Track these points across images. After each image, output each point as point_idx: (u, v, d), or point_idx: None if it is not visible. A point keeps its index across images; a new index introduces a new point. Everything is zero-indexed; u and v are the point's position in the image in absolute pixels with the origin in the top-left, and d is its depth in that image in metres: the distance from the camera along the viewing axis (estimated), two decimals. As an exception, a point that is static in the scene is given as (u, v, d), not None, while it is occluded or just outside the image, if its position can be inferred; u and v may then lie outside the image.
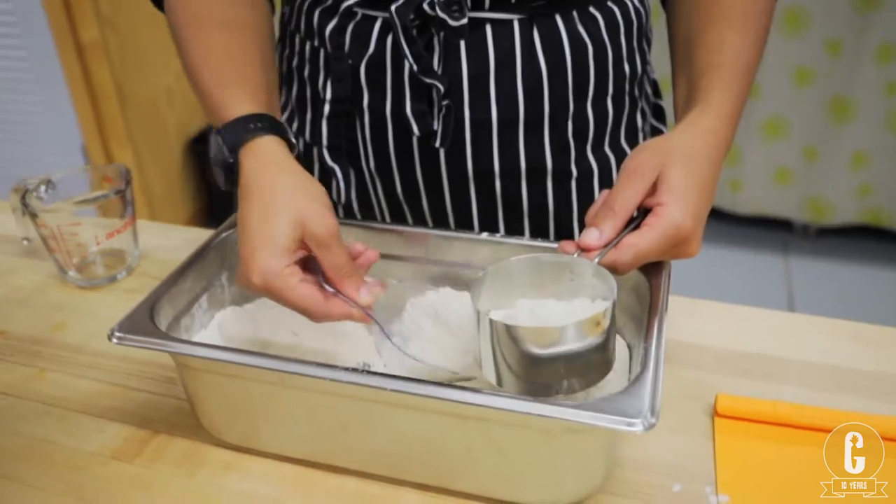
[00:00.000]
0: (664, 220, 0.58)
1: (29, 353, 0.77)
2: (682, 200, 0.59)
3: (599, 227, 0.60)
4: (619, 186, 0.61)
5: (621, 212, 0.60)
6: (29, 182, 0.86)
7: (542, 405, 0.50)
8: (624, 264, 0.59)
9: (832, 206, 2.46)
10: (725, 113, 0.65)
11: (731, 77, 0.67)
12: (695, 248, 0.60)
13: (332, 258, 0.58)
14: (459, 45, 0.72)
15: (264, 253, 0.56)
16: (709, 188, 0.61)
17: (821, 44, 2.24)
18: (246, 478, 0.62)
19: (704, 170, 0.61)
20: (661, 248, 0.59)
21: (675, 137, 0.63)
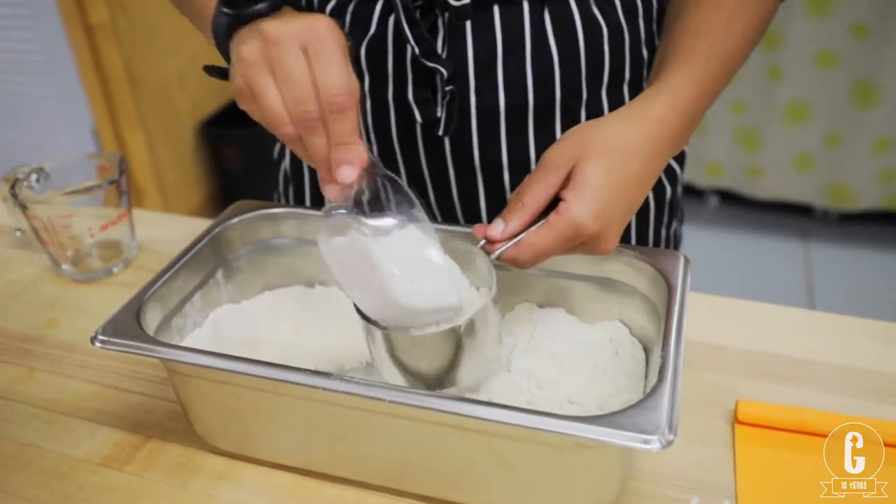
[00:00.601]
0: (562, 220, 0.54)
1: (20, 352, 0.75)
2: (587, 199, 0.53)
3: (506, 220, 0.56)
4: (532, 178, 0.56)
5: (530, 205, 0.56)
6: (20, 171, 0.83)
7: (552, 419, 0.46)
8: (523, 262, 0.56)
9: (854, 192, 2.41)
10: (681, 101, 0.59)
11: (701, 63, 0.61)
12: (605, 246, 0.56)
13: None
14: (465, 27, 0.68)
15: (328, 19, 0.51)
16: (632, 186, 0.56)
17: (846, 27, 2.18)
18: (240, 488, 0.59)
19: (630, 165, 0.56)
20: (559, 247, 0.55)
21: (606, 125, 0.57)
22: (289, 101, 0.51)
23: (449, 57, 0.68)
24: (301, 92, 0.50)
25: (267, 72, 0.51)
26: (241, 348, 0.65)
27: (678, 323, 0.54)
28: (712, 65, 0.61)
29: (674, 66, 0.61)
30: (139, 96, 2.34)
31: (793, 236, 2.47)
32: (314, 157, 0.53)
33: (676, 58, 0.62)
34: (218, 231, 0.68)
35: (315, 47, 0.50)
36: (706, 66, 0.61)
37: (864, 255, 2.38)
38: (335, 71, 0.50)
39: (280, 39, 0.50)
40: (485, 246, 0.57)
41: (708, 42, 0.62)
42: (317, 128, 0.51)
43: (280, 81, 0.51)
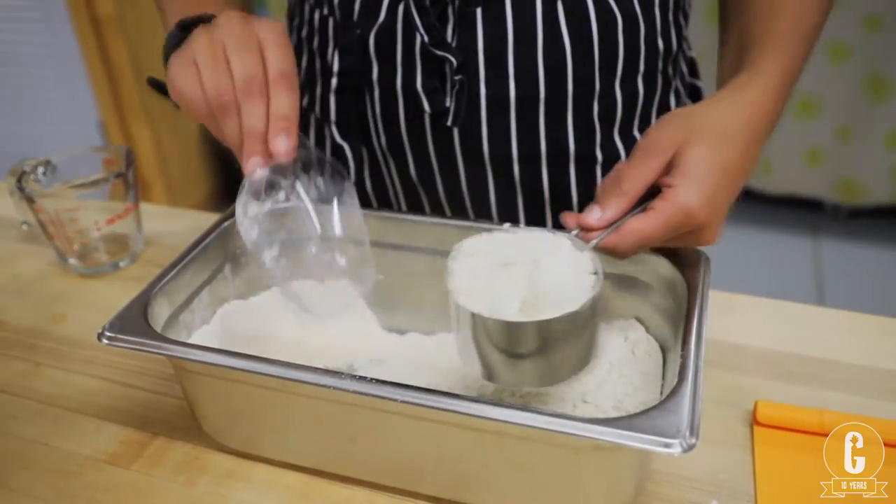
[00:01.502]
0: (672, 205, 0.52)
1: (25, 347, 0.74)
2: (696, 183, 0.52)
3: (603, 207, 0.54)
4: (632, 162, 0.55)
5: (630, 191, 0.54)
6: (26, 164, 0.82)
7: (568, 422, 0.45)
8: (624, 250, 0.54)
9: (865, 187, 2.39)
10: (775, 84, 0.59)
11: (787, 44, 0.60)
12: (710, 235, 0.55)
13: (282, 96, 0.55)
14: (475, 15, 0.66)
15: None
16: (737, 170, 0.55)
17: (859, 19, 2.15)
18: (249, 487, 0.58)
19: (735, 149, 0.55)
20: (666, 234, 0.53)
21: (708, 108, 0.56)
22: (236, 70, 0.54)
23: (459, 46, 0.67)
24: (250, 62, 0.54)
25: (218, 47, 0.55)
26: (249, 344, 0.64)
27: (698, 322, 0.53)
28: (796, 45, 0.61)
29: (762, 51, 0.60)
30: (146, 89, 2.32)
31: (803, 231, 2.45)
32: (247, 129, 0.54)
33: (761, 42, 0.61)
34: (226, 226, 0.67)
35: (268, 36, 0.55)
36: (791, 48, 0.60)
37: (874, 251, 2.36)
38: (285, 55, 0.54)
39: (235, 25, 0.55)
40: (580, 234, 0.54)
41: (789, 23, 0.61)
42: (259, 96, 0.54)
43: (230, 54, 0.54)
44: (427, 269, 0.68)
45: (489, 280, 0.51)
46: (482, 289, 0.51)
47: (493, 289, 0.51)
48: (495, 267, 0.52)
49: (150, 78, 0.62)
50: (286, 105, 0.54)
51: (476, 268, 0.52)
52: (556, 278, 0.50)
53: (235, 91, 0.54)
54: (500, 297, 0.50)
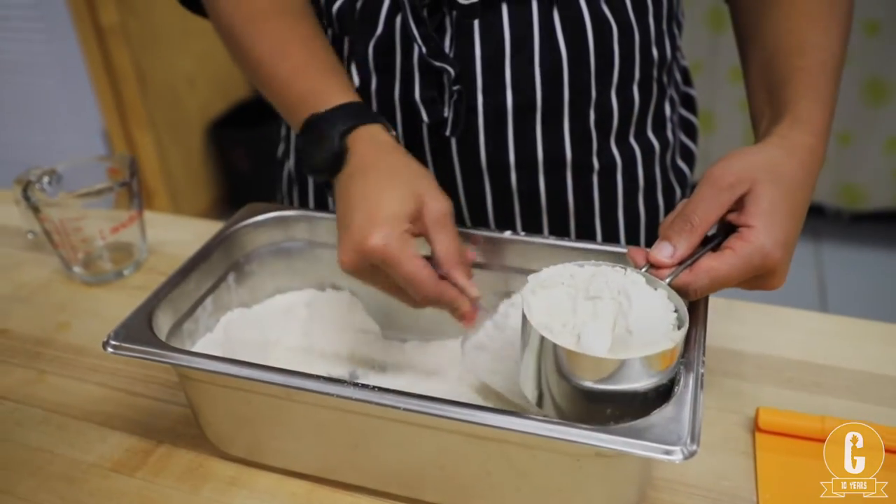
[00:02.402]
0: (751, 246, 0.51)
1: (30, 355, 0.74)
2: (773, 226, 0.51)
3: (673, 243, 0.53)
4: (700, 196, 0.53)
5: (700, 226, 0.53)
6: (32, 173, 0.83)
7: (569, 429, 0.45)
8: (698, 290, 0.52)
9: (865, 192, 2.39)
10: (819, 126, 0.57)
11: (820, 82, 0.59)
12: (780, 280, 0.53)
13: (446, 239, 0.56)
14: (472, 26, 0.67)
15: (384, 216, 0.54)
16: (800, 215, 0.54)
17: (858, 24, 2.16)
18: (252, 494, 0.58)
19: (797, 193, 0.54)
20: (742, 276, 0.52)
21: (767, 152, 0.55)
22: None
23: (456, 56, 0.67)
24: (405, 300, 0.58)
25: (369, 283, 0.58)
26: (252, 352, 0.64)
27: (699, 329, 0.53)
28: (829, 80, 0.60)
29: (796, 94, 0.59)
30: (149, 97, 2.34)
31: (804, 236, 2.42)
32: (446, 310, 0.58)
33: (793, 81, 0.60)
34: (229, 234, 0.68)
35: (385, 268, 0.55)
36: (825, 83, 0.59)
37: (875, 255, 2.36)
38: (409, 281, 0.55)
39: (354, 271, 0.56)
40: (650, 271, 0.53)
41: (819, 59, 0.60)
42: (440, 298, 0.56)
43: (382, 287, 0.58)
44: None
45: (571, 313, 0.50)
46: (563, 322, 0.50)
47: (576, 323, 0.50)
48: (577, 300, 0.51)
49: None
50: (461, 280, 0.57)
51: (554, 299, 0.51)
52: (648, 314, 0.49)
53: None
54: (588, 332, 0.48)
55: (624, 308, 0.49)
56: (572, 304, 0.51)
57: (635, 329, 0.48)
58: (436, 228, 0.56)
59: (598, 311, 0.50)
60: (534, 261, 0.65)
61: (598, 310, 0.50)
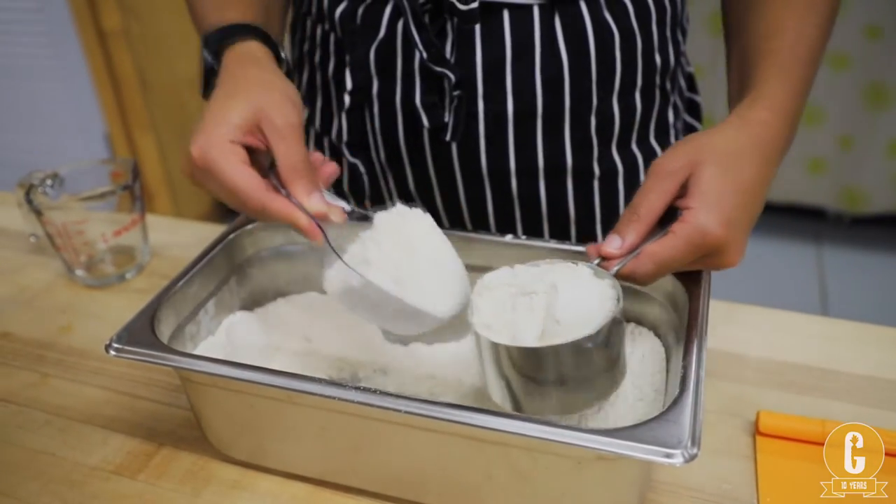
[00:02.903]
0: (689, 227, 0.52)
1: (33, 358, 0.74)
2: (712, 205, 0.52)
3: (621, 234, 0.54)
4: (645, 188, 0.55)
5: (646, 216, 0.54)
6: (35, 176, 0.83)
7: (570, 432, 0.45)
8: (643, 274, 0.54)
9: (867, 195, 2.39)
10: (780, 104, 0.58)
11: (790, 64, 0.60)
12: (732, 258, 0.54)
13: (286, 151, 0.54)
14: (473, 32, 0.67)
15: (211, 125, 0.54)
16: (752, 191, 0.55)
17: (860, 28, 2.16)
18: (253, 497, 0.58)
19: (747, 170, 0.55)
20: (685, 258, 0.53)
21: (717, 133, 0.56)
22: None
23: (457, 62, 0.68)
24: (232, 202, 0.55)
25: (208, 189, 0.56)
26: (254, 356, 0.65)
27: (699, 333, 0.53)
28: (799, 64, 0.60)
29: (763, 72, 0.60)
30: (151, 101, 2.35)
31: (806, 240, 2.45)
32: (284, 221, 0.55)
33: (762, 62, 0.61)
34: (231, 238, 0.68)
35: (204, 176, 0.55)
36: (793, 67, 0.60)
37: (877, 259, 2.36)
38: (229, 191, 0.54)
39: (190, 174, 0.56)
40: (602, 263, 0.55)
41: (789, 42, 0.61)
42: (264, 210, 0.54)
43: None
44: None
45: (510, 311, 0.52)
46: (504, 320, 0.51)
47: (513, 319, 0.51)
48: (516, 297, 0.52)
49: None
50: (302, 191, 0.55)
51: (497, 300, 0.53)
52: (576, 304, 0.50)
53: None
54: (521, 326, 0.50)
55: (551, 300, 0.51)
56: (512, 302, 0.52)
57: (563, 318, 0.50)
58: (275, 138, 0.55)
59: (533, 305, 0.51)
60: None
61: (533, 304, 0.51)
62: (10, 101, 2.47)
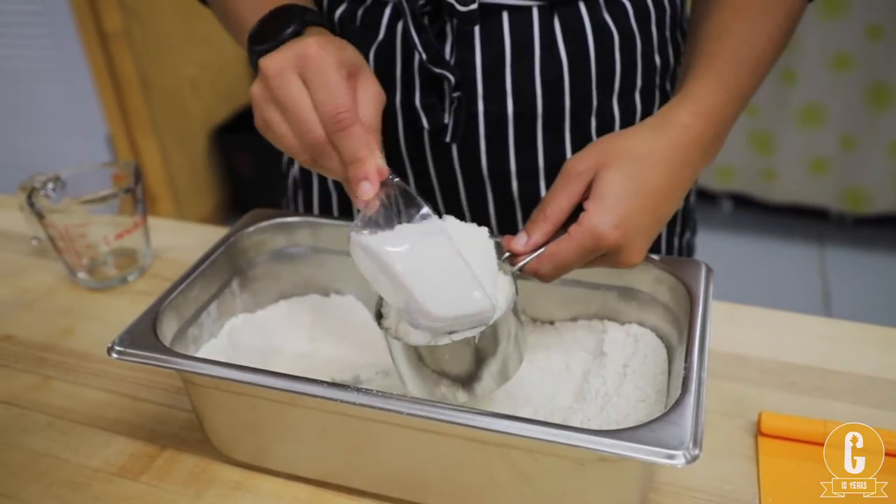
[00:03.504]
0: (582, 229, 0.53)
1: (35, 360, 0.74)
2: (606, 207, 0.52)
3: (528, 233, 0.55)
4: (554, 188, 0.55)
5: (553, 216, 0.55)
6: (36, 179, 0.83)
7: (572, 433, 0.45)
8: (544, 274, 0.55)
9: (869, 195, 2.39)
10: (706, 107, 0.57)
11: (725, 67, 0.59)
12: (628, 258, 0.54)
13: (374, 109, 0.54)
14: (473, 33, 0.67)
15: (326, 41, 0.53)
16: (658, 193, 0.54)
17: (862, 28, 2.16)
18: (256, 499, 0.58)
19: (655, 174, 0.54)
20: (580, 258, 0.54)
21: (631, 134, 0.56)
22: (296, 131, 0.53)
23: (457, 63, 0.68)
24: (303, 120, 0.52)
25: (273, 106, 0.53)
26: (256, 358, 0.65)
27: (701, 334, 0.53)
28: (738, 69, 0.59)
29: (697, 74, 0.59)
30: (152, 103, 2.35)
31: (808, 240, 2.45)
32: (334, 176, 0.55)
33: (699, 64, 0.60)
34: (233, 240, 0.68)
35: (309, 74, 0.52)
36: (731, 72, 0.59)
37: (879, 259, 2.36)
38: (329, 92, 0.52)
39: (276, 73, 0.52)
40: (508, 258, 0.56)
41: (732, 46, 0.60)
42: (326, 151, 0.53)
43: (285, 113, 0.53)
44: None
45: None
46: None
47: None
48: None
49: None
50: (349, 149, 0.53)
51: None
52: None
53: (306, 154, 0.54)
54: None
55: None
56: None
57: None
58: (364, 78, 0.55)
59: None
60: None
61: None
62: (11, 104, 2.47)
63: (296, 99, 0.52)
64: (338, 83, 0.52)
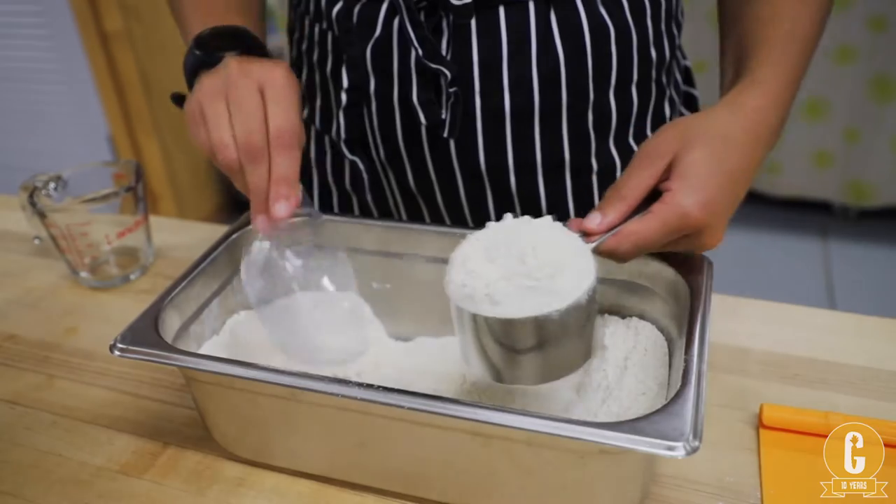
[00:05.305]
0: (668, 208, 0.53)
1: (38, 359, 0.75)
2: (693, 187, 0.53)
3: (603, 212, 0.55)
4: (631, 168, 0.56)
5: (629, 196, 0.55)
6: (38, 179, 0.84)
7: (573, 426, 0.46)
8: (623, 253, 0.54)
9: (873, 189, 2.38)
10: (774, 91, 0.59)
11: (785, 51, 0.60)
12: (711, 239, 0.55)
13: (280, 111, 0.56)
14: (469, 29, 0.67)
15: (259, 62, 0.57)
16: (738, 175, 0.55)
17: (864, 20, 2.15)
18: (259, 495, 0.58)
19: (735, 154, 0.55)
20: (663, 238, 0.54)
21: (708, 116, 0.57)
22: (238, 129, 0.55)
23: (453, 59, 0.68)
24: (251, 123, 0.54)
25: (222, 101, 0.56)
26: (258, 354, 0.65)
27: (701, 326, 0.53)
28: (793, 51, 0.61)
29: (759, 59, 0.60)
30: (154, 103, 2.35)
31: (812, 233, 2.45)
32: (252, 188, 0.56)
33: (758, 48, 0.61)
34: (234, 237, 0.68)
35: (271, 90, 0.56)
36: (789, 54, 0.60)
37: (884, 252, 2.35)
38: (286, 112, 0.55)
39: (240, 77, 0.56)
40: (582, 239, 0.55)
41: (785, 29, 0.61)
42: (260, 158, 0.55)
43: (233, 112, 0.55)
44: (432, 277, 0.68)
45: (485, 276, 0.51)
46: (477, 287, 0.50)
47: (488, 285, 0.50)
48: (488, 263, 0.51)
49: (174, 94, 0.64)
50: (284, 166, 0.55)
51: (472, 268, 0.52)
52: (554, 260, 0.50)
53: (238, 152, 0.55)
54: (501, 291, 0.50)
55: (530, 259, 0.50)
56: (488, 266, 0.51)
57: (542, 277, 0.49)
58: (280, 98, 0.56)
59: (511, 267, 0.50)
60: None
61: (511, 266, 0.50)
62: (13, 104, 2.48)
63: (251, 102, 0.55)
64: (295, 109, 0.56)
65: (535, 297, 0.49)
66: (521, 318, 0.49)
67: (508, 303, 0.49)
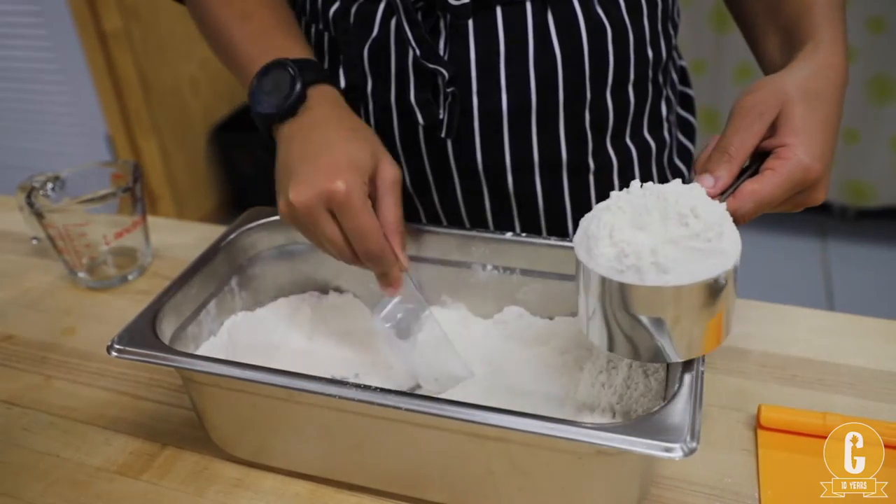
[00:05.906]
0: (790, 163, 0.52)
1: (36, 360, 0.75)
2: (809, 140, 0.53)
3: (714, 174, 0.53)
4: (734, 127, 0.55)
5: (737, 155, 0.54)
6: (36, 179, 0.84)
7: (570, 427, 0.46)
8: (744, 214, 0.53)
9: (872, 189, 2.38)
10: (840, 48, 0.59)
11: (833, 14, 0.61)
12: (821, 193, 0.55)
13: (394, 204, 0.60)
14: (467, 28, 0.67)
15: (350, 163, 0.57)
16: (833, 128, 0.56)
17: (862, 21, 2.15)
18: (257, 496, 0.58)
19: (828, 108, 0.55)
20: (785, 193, 0.53)
21: (792, 74, 0.56)
22: (333, 252, 0.59)
23: (451, 58, 0.68)
24: (340, 252, 0.58)
25: (309, 229, 0.58)
26: (256, 355, 0.65)
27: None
28: (839, 13, 0.61)
29: (814, 23, 0.60)
30: (152, 103, 2.35)
31: (810, 233, 2.45)
32: (376, 273, 0.61)
33: (810, 16, 0.61)
34: (232, 238, 0.68)
35: (340, 212, 0.56)
36: (837, 15, 0.61)
37: (882, 252, 2.35)
38: (361, 231, 0.56)
39: (306, 207, 0.56)
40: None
41: None
42: (379, 258, 0.58)
43: (320, 240, 0.59)
44: (432, 277, 0.69)
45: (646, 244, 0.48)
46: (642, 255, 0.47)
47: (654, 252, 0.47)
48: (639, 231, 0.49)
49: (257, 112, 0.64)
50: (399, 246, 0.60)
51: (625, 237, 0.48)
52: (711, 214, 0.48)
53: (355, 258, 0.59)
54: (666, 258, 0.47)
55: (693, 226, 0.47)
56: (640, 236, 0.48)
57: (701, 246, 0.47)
58: (386, 191, 0.59)
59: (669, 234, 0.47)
60: (537, 261, 0.66)
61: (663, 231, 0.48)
62: (11, 104, 2.48)
63: (330, 235, 0.57)
64: (366, 221, 0.56)
65: (706, 259, 0.47)
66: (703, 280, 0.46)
67: (678, 269, 0.46)
